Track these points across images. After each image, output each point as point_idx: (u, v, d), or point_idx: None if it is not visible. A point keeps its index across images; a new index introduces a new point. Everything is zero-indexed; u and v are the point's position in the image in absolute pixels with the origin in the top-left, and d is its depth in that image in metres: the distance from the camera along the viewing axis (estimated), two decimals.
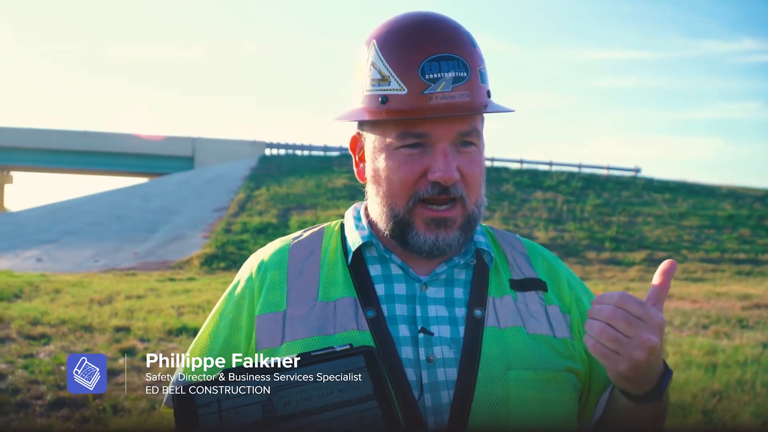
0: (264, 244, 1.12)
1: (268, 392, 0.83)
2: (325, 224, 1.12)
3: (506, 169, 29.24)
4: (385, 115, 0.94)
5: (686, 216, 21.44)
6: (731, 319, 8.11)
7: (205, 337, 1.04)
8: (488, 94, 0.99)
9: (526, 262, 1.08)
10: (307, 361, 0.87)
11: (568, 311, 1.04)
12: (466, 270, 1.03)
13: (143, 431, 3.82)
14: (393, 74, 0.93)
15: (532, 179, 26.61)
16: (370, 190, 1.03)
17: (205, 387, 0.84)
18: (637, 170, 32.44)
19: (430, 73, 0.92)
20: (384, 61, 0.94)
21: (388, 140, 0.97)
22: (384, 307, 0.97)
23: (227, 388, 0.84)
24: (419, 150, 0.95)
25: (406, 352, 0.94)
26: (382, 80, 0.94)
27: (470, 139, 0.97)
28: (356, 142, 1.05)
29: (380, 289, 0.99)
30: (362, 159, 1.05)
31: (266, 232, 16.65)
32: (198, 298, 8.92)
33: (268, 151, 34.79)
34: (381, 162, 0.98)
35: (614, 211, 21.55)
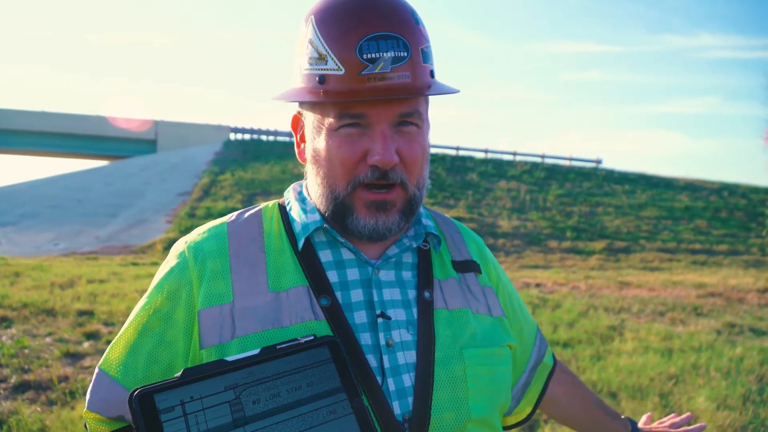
0: None
1: (235, 391, 0.77)
2: (260, 205, 1.05)
3: (471, 159, 29.41)
4: (322, 96, 0.89)
5: (645, 207, 21.88)
6: (687, 306, 8.32)
7: (132, 333, 0.93)
8: (431, 73, 0.94)
9: (462, 244, 1.11)
10: (273, 354, 0.81)
11: (497, 291, 1.11)
12: (412, 253, 1.03)
13: None
14: (330, 53, 0.88)
15: (496, 169, 26.83)
16: (310, 170, 0.98)
17: (165, 389, 0.74)
18: (598, 161, 32.95)
19: (368, 53, 0.87)
20: (321, 40, 0.89)
21: (328, 120, 0.92)
22: (338, 294, 0.93)
23: (190, 390, 0.75)
24: (358, 130, 0.91)
25: (365, 338, 0.92)
26: (320, 59, 0.90)
27: (411, 120, 0.93)
28: (297, 122, 1.01)
29: (333, 275, 0.95)
30: (303, 139, 1.00)
31: None
32: None
33: (233, 136, 34.40)
34: (321, 142, 0.93)
35: (576, 201, 21.88)
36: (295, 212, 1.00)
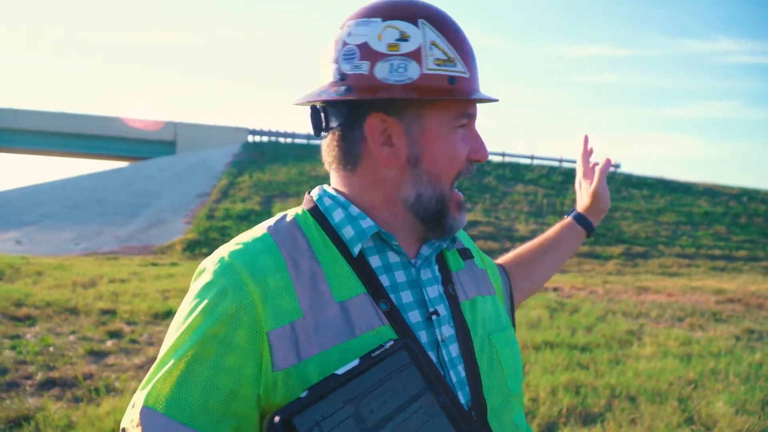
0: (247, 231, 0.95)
1: (352, 404, 0.77)
2: (288, 214, 1.01)
3: (488, 162, 29.33)
4: (458, 95, 0.94)
5: (663, 212, 21.74)
6: (705, 312, 8.28)
7: (181, 362, 0.84)
8: None
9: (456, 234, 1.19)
10: (371, 363, 0.81)
11: (488, 271, 1.21)
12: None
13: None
14: (458, 57, 0.94)
15: (513, 172, 26.78)
16: (403, 175, 0.97)
17: (301, 410, 0.73)
18: (617, 166, 32.76)
19: (474, 62, 0.99)
20: (447, 43, 0.94)
21: (446, 121, 0.97)
22: (392, 297, 0.96)
23: (319, 409, 0.74)
24: (463, 130, 0.99)
25: (422, 336, 0.96)
26: (448, 61, 0.94)
27: None
28: (376, 125, 0.96)
29: (384, 279, 0.97)
30: (387, 143, 0.96)
31: (249, 219, 16.62)
32: (182, 283, 8.92)
33: (251, 138, 34.59)
34: (434, 143, 0.97)
35: None
36: (340, 218, 0.98)
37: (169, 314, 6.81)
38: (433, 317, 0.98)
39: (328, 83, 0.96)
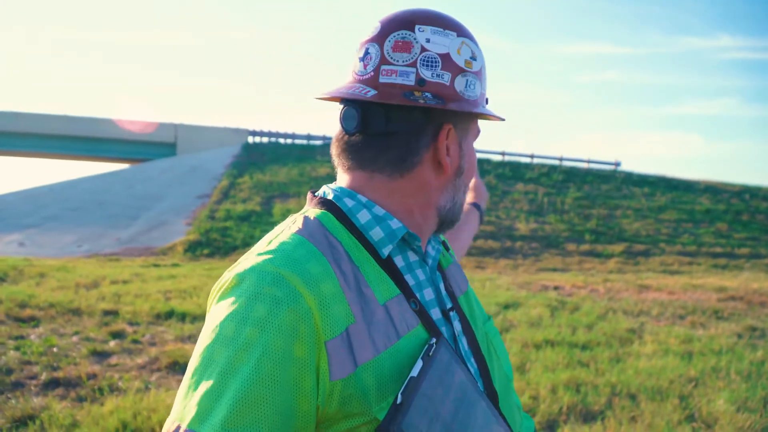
0: (248, 232, 0.91)
1: (432, 403, 0.80)
2: (308, 215, 0.97)
3: (488, 161, 29.40)
4: (494, 114, 1.03)
5: (664, 210, 21.74)
6: (707, 310, 8.29)
7: (241, 387, 0.77)
8: None
9: None
10: (431, 361, 0.83)
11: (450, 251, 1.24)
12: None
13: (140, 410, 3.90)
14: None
15: (513, 171, 26.79)
16: (447, 183, 1.01)
17: (403, 417, 0.74)
18: (617, 164, 32.77)
19: None
20: (485, 68, 1.03)
21: (474, 136, 1.06)
22: (417, 296, 0.96)
23: (414, 412, 0.76)
24: None
25: (444, 332, 0.98)
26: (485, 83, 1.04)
27: None
28: (444, 135, 0.98)
29: (409, 279, 0.98)
30: (448, 153, 0.99)
31: (250, 220, 16.66)
32: (184, 284, 8.96)
33: (251, 139, 34.63)
34: (471, 156, 1.04)
35: (594, 204, 21.79)
36: (367, 220, 0.97)
37: (171, 315, 6.84)
38: (450, 313, 1.02)
39: (399, 85, 0.93)
